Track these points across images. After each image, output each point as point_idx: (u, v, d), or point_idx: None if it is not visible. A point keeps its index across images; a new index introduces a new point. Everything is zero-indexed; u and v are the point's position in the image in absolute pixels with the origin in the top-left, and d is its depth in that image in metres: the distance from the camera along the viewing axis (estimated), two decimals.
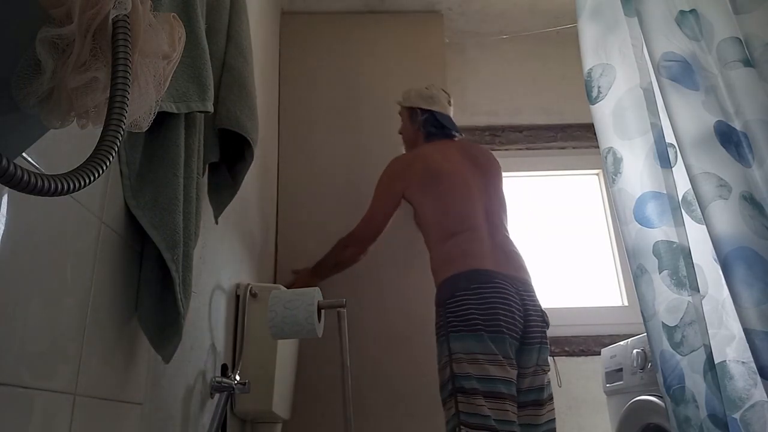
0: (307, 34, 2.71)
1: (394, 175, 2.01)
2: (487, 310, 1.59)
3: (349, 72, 2.67)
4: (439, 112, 2.10)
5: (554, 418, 1.68)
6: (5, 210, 0.62)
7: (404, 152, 2.19)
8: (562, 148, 2.75)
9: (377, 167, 2.35)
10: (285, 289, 1.66)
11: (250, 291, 1.68)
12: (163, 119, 0.96)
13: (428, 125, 2.08)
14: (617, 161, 1.25)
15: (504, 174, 2.71)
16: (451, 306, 1.63)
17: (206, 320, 1.38)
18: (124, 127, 0.51)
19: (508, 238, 1.84)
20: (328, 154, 2.55)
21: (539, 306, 1.72)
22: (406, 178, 1.96)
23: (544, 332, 1.70)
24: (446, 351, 1.60)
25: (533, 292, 1.74)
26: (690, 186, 1.11)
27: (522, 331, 1.63)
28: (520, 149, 2.75)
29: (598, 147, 1.31)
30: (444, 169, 1.92)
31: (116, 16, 0.52)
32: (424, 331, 2.25)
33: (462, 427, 1.51)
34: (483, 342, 1.56)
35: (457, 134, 2.10)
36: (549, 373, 1.71)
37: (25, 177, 0.41)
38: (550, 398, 1.68)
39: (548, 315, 1.75)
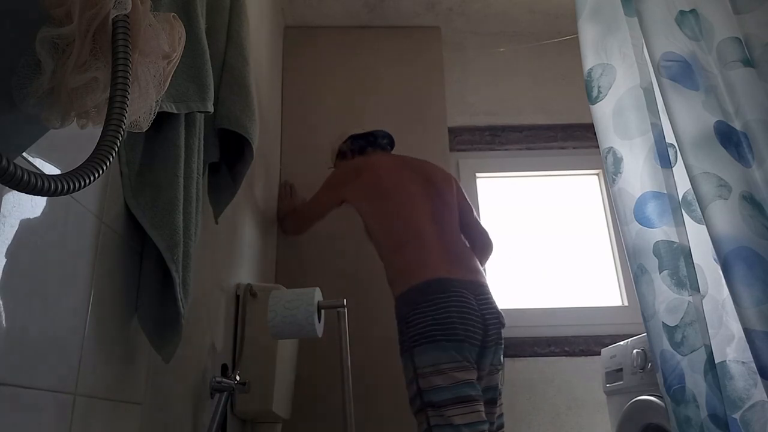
0: (309, 47, 2.78)
1: (341, 181, 2.09)
2: (445, 320, 1.60)
3: (349, 82, 2.72)
4: (353, 134, 2.26)
5: (503, 412, 1.74)
6: (5, 210, 0.62)
7: None
8: (562, 148, 2.75)
9: None
10: (285, 289, 1.66)
11: (250, 291, 1.68)
12: (163, 119, 0.96)
13: (354, 145, 2.24)
14: (617, 161, 1.25)
15: (504, 174, 2.75)
16: (412, 321, 1.64)
17: (206, 320, 1.38)
18: (124, 127, 0.51)
19: (459, 240, 1.86)
20: (328, 157, 2.57)
21: (495, 307, 1.73)
22: (348, 188, 2.03)
23: (500, 333, 1.72)
24: (411, 366, 1.61)
25: (489, 293, 1.75)
26: (690, 186, 1.11)
27: (482, 336, 1.64)
28: (520, 149, 2.75)
29: (598, 147, 1.31)
30: (386, 180, 1.96)
31: (116, 16, 0.52)
32: None
33: None
34: (445, 351, 1.57)
35: (380, 140, 2.25)
36: (502, 371, 1.75)
37: (25, 177, 0.41)
38: (500, 394, 1.74)
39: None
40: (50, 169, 0.69)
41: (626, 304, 2.48)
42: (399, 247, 1.80)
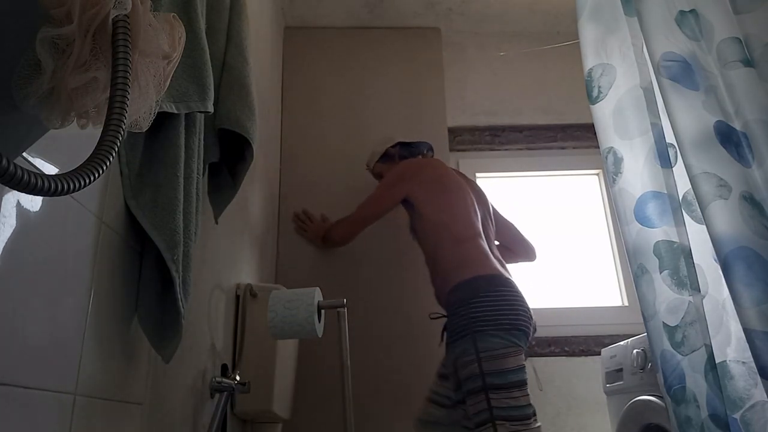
0: (310, 48, 2.78)
1: (403, 176, 2.10)
2: (512, 309, 1.71)
3: (349, 83, 2.73)
4: (402, 141, 2.28)
5: None
6: (5, 210, 0.62)
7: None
8: (562, 148, 2.75)
9: None
10: (285, 289, 1.66)
11: (250, 291, 1.68)
12: (163, 119, 0.96)
13: (403, 151, 2.26)
14: (618, 161, 1.25)
15: (504, 174, 2.76)
16: (475, 306, 1.70)
17: (206, 320, 1.38)
18: (124, 127, 0.51)
19: (496, 249, 2.01)
20: (329, 156, 2.59)
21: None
22: (414, 182, 2.05)
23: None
24: (472, 348, 1.65)
25: None
26: (690, 186, 1.11)
27: (532, 328, 1.76)
28: (520, 149, 2.75)
29: (598, 147, 1.31)
30: (448, 179, 2.06)
31: (116, 16, 0.52)
32: (423, 331, 2.25)
33: (498, 421, 1.57)
34: (510, 338, 1.66)
35: (427, 152, 2.29)
36: None
37: (25, 177, 0.41)
38: None
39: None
40: (50, 169, 0.69)
41: (626, 304, 2.49)
42: (463, 241, 1.88)
